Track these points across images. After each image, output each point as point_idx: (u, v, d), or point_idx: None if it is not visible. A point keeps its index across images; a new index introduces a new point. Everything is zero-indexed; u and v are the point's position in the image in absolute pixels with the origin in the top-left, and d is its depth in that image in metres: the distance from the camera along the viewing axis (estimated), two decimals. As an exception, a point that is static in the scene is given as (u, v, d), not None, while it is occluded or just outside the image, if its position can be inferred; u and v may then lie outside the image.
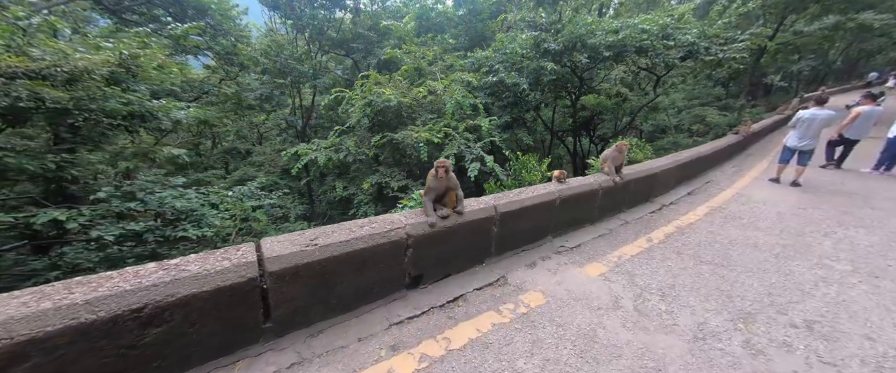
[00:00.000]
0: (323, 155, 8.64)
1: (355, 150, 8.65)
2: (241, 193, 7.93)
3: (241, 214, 10.80)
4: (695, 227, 4.34)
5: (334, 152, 8.80)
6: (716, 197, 5.68)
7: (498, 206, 2.88)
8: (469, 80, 9.34)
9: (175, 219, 5.83)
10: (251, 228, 10.96)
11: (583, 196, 3.83)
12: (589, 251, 3.52)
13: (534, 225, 3.34)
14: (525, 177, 4.79)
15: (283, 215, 12.09)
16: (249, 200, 8.05)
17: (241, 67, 14.00)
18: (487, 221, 2.77)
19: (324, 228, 2.00)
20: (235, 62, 13.76)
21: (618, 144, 4.29)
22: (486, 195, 3.33)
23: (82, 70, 4.11)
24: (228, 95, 13.65)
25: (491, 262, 2.98)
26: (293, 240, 1.81)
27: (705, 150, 7.02)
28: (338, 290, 1.92)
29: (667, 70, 12.28)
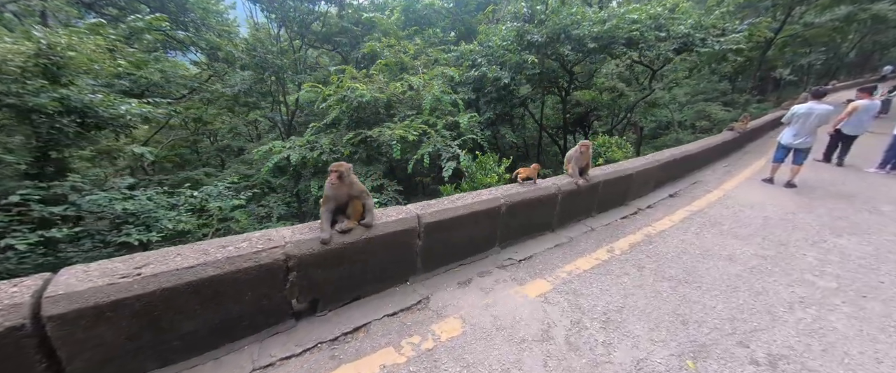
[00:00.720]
0: (296, 153, 8.32)
1: (330, 147, 8.32)
2: (208, 193, 7.65)
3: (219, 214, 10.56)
4: (666, 235, 3.94)
5: (309, 150, 8.48)
6: (699, 200, 5.26)
7: (423, 215, 2.53)
8: (451, 74, 8.93)
9: (122, 222, 5.56)
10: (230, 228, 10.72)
11: (536, 201, 3.46)
12: (538, 265, 3.15)
13: (473, 236, 2.98)
14: (480, 179, 4.43)
15: (266, 214, 11.86)
16: (216, 200, 7.77)
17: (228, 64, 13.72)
18: (407, 233, 2.41)
19: (168, 250, 1.67)
20: (220, 58, 13.48)
21: (581, 142, 3.90)
22: (435, 198, 2.99)
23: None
24: (220, 93, 13.40)
25: (416, 280, 2.63)
26: (108, 269, 1.47)
27: (694, 148, 6.57)
28: (182, 328, 1.59)
29: (662, 64, 11.74)
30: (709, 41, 9.37)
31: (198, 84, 13.31)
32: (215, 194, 7.92)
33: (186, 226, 6.28)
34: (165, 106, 9.66)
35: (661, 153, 5.76)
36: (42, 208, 4.22)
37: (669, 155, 5.74)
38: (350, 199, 2.14)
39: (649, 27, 8.64)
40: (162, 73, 10.82)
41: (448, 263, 2.88)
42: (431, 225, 2.56)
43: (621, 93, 14.83)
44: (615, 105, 14.46)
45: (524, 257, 3.26)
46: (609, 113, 15.16)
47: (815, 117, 5.48)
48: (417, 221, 2.49)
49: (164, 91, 12.49)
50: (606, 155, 5.58)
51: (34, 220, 4.15)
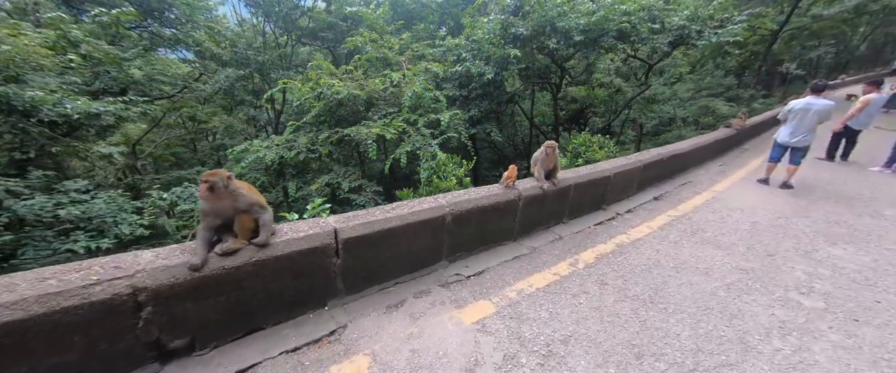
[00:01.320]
0: (273, 152, 8.04)
1: (307, 147, 8.03)
2: (177, 195, 7.39)
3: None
4: (640, 244, 3.58)
5: (287, 149, 8.19)
6: (685, 203, 4.88)
7: (342, 230, 2.20)
8: (436, 70, 8.57)
9: (74, 228, 5.31)
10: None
11: (491, 209, 3.12)
12: (488, 282, 2.82)
13: (412, 250, 2.65)
14: (436, 183, 4.09)
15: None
16: (186, 202, 7.51)
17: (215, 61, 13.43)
18: (317, 252, 2.09)
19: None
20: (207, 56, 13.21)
21: (546, 143, 3.54)
22: (379, 205, 2.67)
23: None
24: (202, 91, 13.12)
25: (338, 304, 2.31)
26: None
27: (684, 146, 6.17)
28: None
29: (659, 58, 11.26)
30: (706, 33, 8.90)
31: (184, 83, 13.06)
32: (186, 196, 7.65)
33: (144, 232, 6.01)
34: (142, 104, 9.41)
35: (646, 153, 5.37)
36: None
37: (656, 154, 5.35)
38: (236, 213, 1.82)
39: (642, 19, 8.20)
40: (140, 71, 10.55)
41: (381, 281, 2.56)
42: (353, 240, 2.24)
43: (618, 89, 14.37)
44: (612, 101, 14.01)
45: (474, 273, 2.93)
46: (606, 109, 14.69)
47: (813, 114, 5.06)
48: (333, 236, 2.17)
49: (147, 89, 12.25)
50: (586, 155, 5.21)
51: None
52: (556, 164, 3.71)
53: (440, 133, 7.66)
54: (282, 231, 2.06)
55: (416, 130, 7.40)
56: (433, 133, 7.66)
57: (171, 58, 15.34)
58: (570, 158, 5.36)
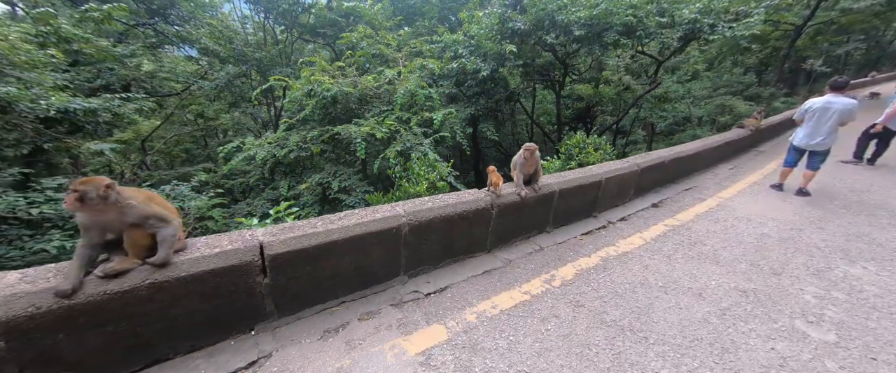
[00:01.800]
0: (264, 151, 7.90)
1: (298, 145, 7.86)
2: (165, 194, 7.31)
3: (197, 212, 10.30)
4: (628, 258, 3.23)
5: (278, 148, 8.04)
6: (686, 211, 4.48)
7: (269, 244, 1.95)
8: (432, 67, 8.29)
9: (52, 226, 5.24)
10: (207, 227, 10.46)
11: (458, 218, 2.83)
12: (448, 301, 2.54)
13: (362, 265, 2.39)
14: (404, 187, 3.80)
15: (249, 213, 11.60)
16: (176, 201, 7.43)
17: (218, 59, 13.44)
18: (235, 271, 1.84)
19: None
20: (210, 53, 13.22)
21: (524, 145, 3.22)
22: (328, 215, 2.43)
23: None
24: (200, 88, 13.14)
25: (267, 329, 2.06)
26: None
27: (689, 148, 5.73)
28: None
29: (670, 54, 10.70)
30: (719, 27, 8.36)
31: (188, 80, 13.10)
32: (174, 195, 7.56)
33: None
34: (140, 100, 9.38)
35: (645, 155, 4.97)
36: None
37: (656, 157, 4.95)
38: (125, 228, 1.59)
39: (649, 12, 7.73)
40: (145, 66, 10.57)
41: (324, 301, 2.30)
42: (285, 256, 1.98)
43: (627, 86, 13.81)
44: (620, 100, 13.46)
45: (436, 289, 2.65)
46: (614, 108, 14.14)
47: (834, 113, 4.58)
48: (258, 252, 1.92)
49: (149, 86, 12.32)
50: (579, 157, 4.85)
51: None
52: (537, 168, 3.39)
53: (434, 132, 7.38)
54: (195, 247, 1.82)
55: (407, 129, 7.14)
56: (426, 132, 7.40)
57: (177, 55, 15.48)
58: (562, 160, 5.01)
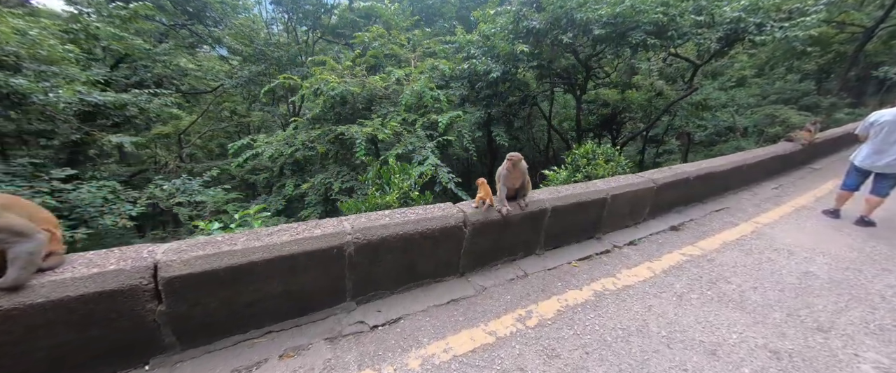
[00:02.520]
0: (271, 148, 7.90)
1: (303, 144, 7.79)
2: (175, 187, 7.46)
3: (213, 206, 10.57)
4: (628, 294, 2.69)
5: (286, 146, 8.02)
6: (711, 236, 3.81)
7: (167, 264, 1.67)
8: (443, 68, 7.96)
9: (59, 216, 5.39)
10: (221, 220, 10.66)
11: (419, 237, 2.44)
12: (394, 337, 2.15)
13: (293, 290, 2.06)
14: (370, 197, 3.43)
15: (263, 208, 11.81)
16: (184, 195, 7.56)
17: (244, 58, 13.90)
18: (118, 296, 1.55)
19: None
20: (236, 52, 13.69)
21: (509, 155, 2.78)
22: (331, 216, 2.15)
23: None
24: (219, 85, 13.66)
25: (164, 363, 1.76)
26: None
27: (722, 163, 4.99)
28: None
29: (709, 57, 9.72)
30: (769, 28, 7.41)
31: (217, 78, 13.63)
32: (184, 189, 7.71)
33: (128, 223, 6.01)
34: (166, 97, 9.75)
35: (665, 170, 4.33)
36: None
37: (679, 172, 4.30)
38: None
39: (684, 10, 6.96)
40: (168, 67, 11.02)
41: (244, 330, 2.00)
42: (187, 279, 1.69)
43: (660, 92, 12.80)
44: (650, 106, 12.47)
45: (386, 321, 2.28)
46: (643, 115, 13.14)
47: (908, 128, 3.75)
48: (149, 274, 1.63)
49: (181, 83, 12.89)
50: (587, 169, 4.29)
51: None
52: (523, 181, 2.93)
53: (440, 135, 7.04)
54: (72, 264, 1.57)
55: (411, 131, 6.84)
56: (431, 135, 7.07)
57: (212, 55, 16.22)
58: (569, 171, 4.48)
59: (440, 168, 5.94)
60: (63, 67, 6.07)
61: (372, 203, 3.31)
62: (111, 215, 6.11)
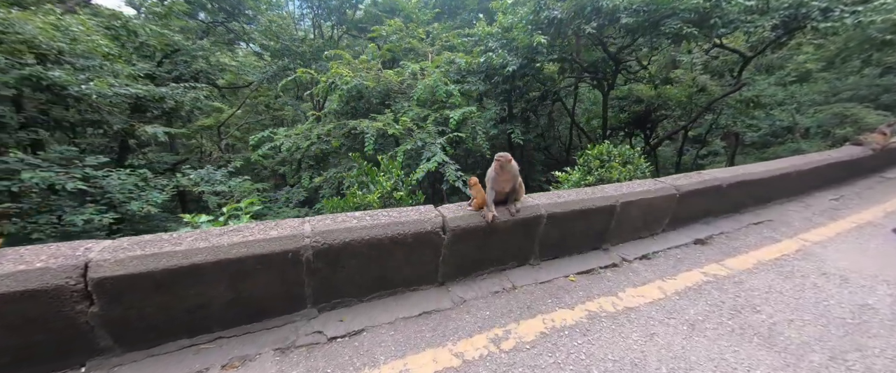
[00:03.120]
0: (290, 141, 8.05)
1: (318, 137, 7.86)
2: (199, 177, 7.80)
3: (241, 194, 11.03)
4: (628, 318, 2.33)
5: (303, 139, 8.15)
6: (744, 254, 3.29)
7: (100, 264, 1.58)
8: (459, 62, 7.68)
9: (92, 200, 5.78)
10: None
11: (389, 242, 2.24)
12: (350, 353, 1.97)
13: (243, 295, 1.94)
14: (349, 197, 3.23)
15: (287, 199, 12.20)
16: (207, 184, 7.89)
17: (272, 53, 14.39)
18: (40, 298, 1.47)
19: None
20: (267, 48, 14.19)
21: (497, 155, 2.49)
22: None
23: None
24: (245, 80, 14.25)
25: (101, 366, 1.67)
26: None
27: (765, 169, 4.34)
28: None
29: (762, 48, 8.66)
30: (837, 12, 6.43)
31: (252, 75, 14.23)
32: (208, 178, 8.03)
33: (153, 209, 6.33)
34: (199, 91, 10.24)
35: (691, 176, 3.82)
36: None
37: (708, 179, 3.77)
38: None
39: (731, -6, 6.17)
40: (206, 62, 11.57)
41: (191, 335, 1.90)
42: (121, 280, 1.60)
43: (702, 87, 11.71)
44: (691, 103, 11.42)
45: (346, 333, 2.11)
46: (683, 112, 12.07)
47: None
48: (79, 273, 1.56)
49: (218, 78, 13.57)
50: (599, 172, 3.87)
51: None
52: (514, 184, 2.63)
53: (453, 131, 6.80)
54: (1, 260, 1.52)
55: (421, 127, 6.66)
56: (443, 131, 6.84)
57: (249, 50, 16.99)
58: (581, 172, 4.08)
59: (448, 165, 5.71)
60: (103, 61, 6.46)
61: (351, 203, 3.16)
62: (138, 202, 6.47)
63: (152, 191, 7.00)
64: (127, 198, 6.32)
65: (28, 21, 5.23)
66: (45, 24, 5.29)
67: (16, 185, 4.87)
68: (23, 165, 5.19)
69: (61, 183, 5.33)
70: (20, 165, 5.14)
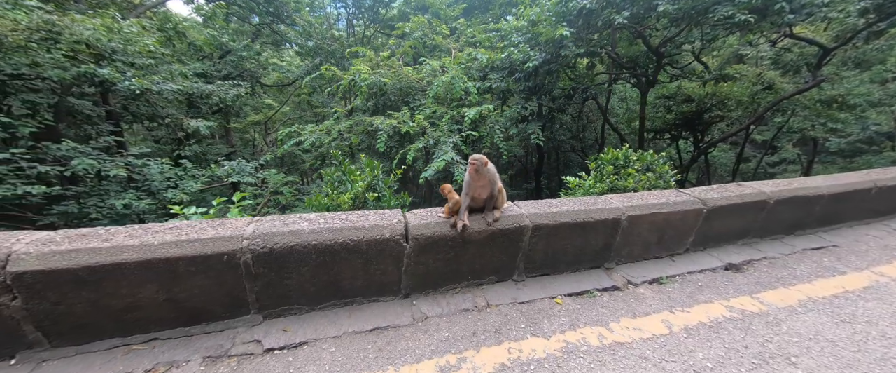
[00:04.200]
0: (314, 136, 8.26)
1: (339, 133, 7.96)
2: (231, 169, 8.25)
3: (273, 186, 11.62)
4: (611, 357, 1.92)
5: (325, 135, 8.32)
6: (788, 287, 2.67)
7: (19, 256, 1.55)
8: (481, 58, 7.35)
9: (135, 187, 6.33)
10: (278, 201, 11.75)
11: (340, 249, 2.05)
12: (281, 369, 1.81)
13: (178, 298, 1.85)
14: (317, 197, 3.03)
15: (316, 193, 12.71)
16: (238, 175, 8.33)
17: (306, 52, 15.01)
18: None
19: None
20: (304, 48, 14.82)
21: (471, 157, 2.20)
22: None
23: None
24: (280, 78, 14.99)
25: (31, 358, 1.65)
26: None
27: (825, 184, 3.55)
28: None
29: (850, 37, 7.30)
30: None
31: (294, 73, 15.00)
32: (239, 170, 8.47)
33: (185, 196, 6.76)
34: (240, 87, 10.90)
35: (728, 188, 3.20)
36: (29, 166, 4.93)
37: (745, 193, 3.14)
38: None
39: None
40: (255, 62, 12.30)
41: (126, 335, 1.85)
42: (41, 275, 1.58)
43: (770, 85, 10.25)
44: (754, 103, 10.04)
45: (286, 344, 1.95)
46: (744, 113, 10.64)
47: None
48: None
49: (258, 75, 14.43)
50: (612, 180, 3.37)
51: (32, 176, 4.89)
52: (493, 190, 2.33)
53: (470, 129, 6.52)
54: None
55: (436, 125, 6.45)
56: (459, 129, 6.58)
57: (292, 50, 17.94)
58: (594, 179, 3.60)
59: (458, 164, 5.44)
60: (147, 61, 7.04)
61: (318, 202, 3.02)
62: (175, 190, 6.97)
63: (189, 180, 7.53)
64: (165, 186, 6.81)
65: (84, 24, 5.78)
66: (100, 26, 5.83)
67: (69, 170, 5.42)
68: (75, 152, 5.75)
69: (106, 170, 5.85)
70: (73, 152, 5.71)
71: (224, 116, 14.25)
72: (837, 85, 10.86)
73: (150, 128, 12.02)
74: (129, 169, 6.45)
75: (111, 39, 6.39)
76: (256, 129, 20.94)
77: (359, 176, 3.32)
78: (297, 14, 13.90)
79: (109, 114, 8.34)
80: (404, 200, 3.30)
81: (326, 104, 14.85)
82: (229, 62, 12.64)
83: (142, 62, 7.30)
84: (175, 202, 7.05)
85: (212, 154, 12.90)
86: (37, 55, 5.09)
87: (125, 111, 9.21)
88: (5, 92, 5.76)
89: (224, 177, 8.39)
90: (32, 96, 6.06)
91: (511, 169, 17.80)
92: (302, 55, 12.48)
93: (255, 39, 14.39)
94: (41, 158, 5.24)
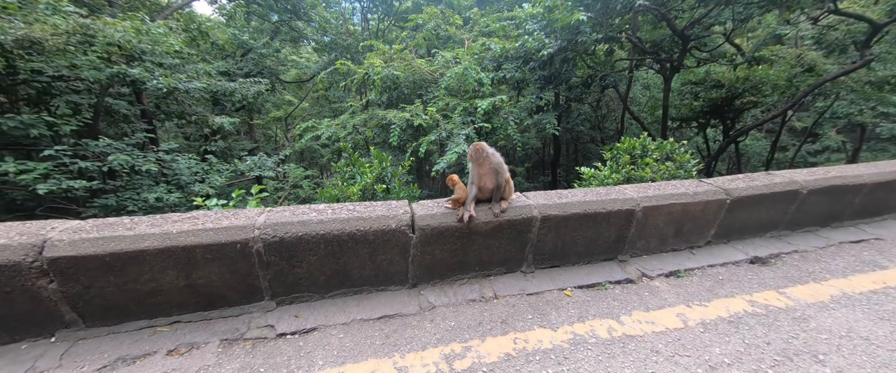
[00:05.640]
0: (330, 130, 8.43)
1: (354, 127, 8.08)
2: (253, 163, 8.55)
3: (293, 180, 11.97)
4: (621, 350, 1.87)
5: (341, 129, 8.47)
6: (820, 281, 2.51)
7: (54, 243, 1.67)
8: (494, 47, 7.22)
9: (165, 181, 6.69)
10: (297, 194, 12.10)
11: (347, 239, 2.09)
12: (289, 352, 1.88)
13: (197, 283, 1.95)
14: (327, 189, 3.03)
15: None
16: (260, 170, 8.63)
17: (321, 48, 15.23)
18: (5, 271, 1.64)
19: None
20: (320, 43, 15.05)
21: (473, 145, 2.17)
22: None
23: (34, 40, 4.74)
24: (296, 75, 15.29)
25: (69, 338, 1.79)
26: None
27: (866, 172, 3.27)
28: None
29: None
30: None
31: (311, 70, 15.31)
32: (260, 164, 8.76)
33: (211, 190, 7.07)
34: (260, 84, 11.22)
35: (756, 177, 3.01)
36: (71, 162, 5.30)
37: (777, 182, 2.95)
38: None
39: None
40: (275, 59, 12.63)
41: (151, 317, 1.98)
42: (73, 261, 1.70)
43: (811, 67, 9.54)
44: (791, 86, 9.37)
45: (298, 330, 2.03)
46: (780, 98, 9.95)
47: None
48: (36, 251, 1.68)
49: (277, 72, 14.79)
50: (628, 170, 3.24)
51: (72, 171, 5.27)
52: (498, 180, 2.30)
53: (483, 121, 6.45)
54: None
55: (448, 117, 6.42)
56: (472, 121, 6.52)
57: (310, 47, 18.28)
58: (610, 169, 3.48)
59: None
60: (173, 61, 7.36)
61: (329, 194, 3.08)
62: (202, 184, 7.31)
63: (214, 174, 7.88)
64: (192, 180, 7.15)
65: (115, 26, 6.11)
66: (130, 29, 6.15)
67: (106, 165, 5.79)
68: (111, 148, 6.13)
69: (139, 166, 6.20)
70: (109, 148, 6.08)
71: (247, 113, 14.76)
72: (889, 64, 9.95)
73: (179, 125, 12.65)
74: (160, 164, 6.81)
75: (140, 41, 6.71)
76: (278, 124, 21.55)
77: (368, 168, 3.37)
78: (314, 10, 14.12)
79: (143, 112, 8.81)
80: (413, 192, 3.32)
81: (342, 99, 15.13)
82: (250, 60, 13.02)
83: (169, 62, 7.65)
84: (201, 196, 7.41)
85: (236, 150, 13.42)
86: (74, 57, 5.42)
87: (157, 110, 9.71)
88: (51, 93, 6.19)
89: (246, 171, 8.71)
90: (75, 97, 6.46)
91: (527, 162, 17.48)
92: (319, 51, 12.67)
93: (273, 37, 14.76)
94: (82, 154, 5.63)
